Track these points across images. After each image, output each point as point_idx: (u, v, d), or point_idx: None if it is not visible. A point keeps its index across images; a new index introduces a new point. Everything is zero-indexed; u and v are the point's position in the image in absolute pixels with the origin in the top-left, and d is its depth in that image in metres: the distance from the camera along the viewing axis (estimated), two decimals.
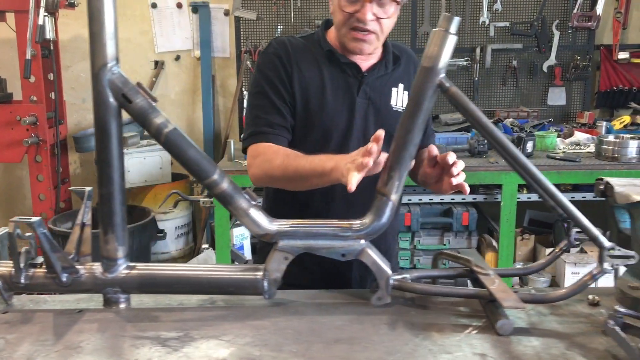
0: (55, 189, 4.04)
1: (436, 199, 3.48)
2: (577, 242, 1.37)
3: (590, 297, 1.37)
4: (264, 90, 1.67)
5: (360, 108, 1.66)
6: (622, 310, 1.12)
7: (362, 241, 1.34)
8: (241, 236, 3.97)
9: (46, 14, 3.73)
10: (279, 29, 4.25)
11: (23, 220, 1.23)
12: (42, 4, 3.57)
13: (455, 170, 1.40)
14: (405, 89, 1.72)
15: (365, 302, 1.37)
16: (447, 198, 3.48)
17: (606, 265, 1.25)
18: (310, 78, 1.65)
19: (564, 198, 1.26)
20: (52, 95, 3.96)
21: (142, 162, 4.07)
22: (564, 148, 3.68)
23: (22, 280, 1.33)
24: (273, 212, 1.73)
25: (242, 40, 4.29)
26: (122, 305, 1.37)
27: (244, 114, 2.34)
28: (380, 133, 1.29)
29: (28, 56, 3.59)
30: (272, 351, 1.15)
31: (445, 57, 1.27)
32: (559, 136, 3.84)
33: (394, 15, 1.60)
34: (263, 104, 1.66)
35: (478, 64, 4.21)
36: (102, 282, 1.34)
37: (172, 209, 4.08)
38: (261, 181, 1.64)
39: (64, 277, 1.33)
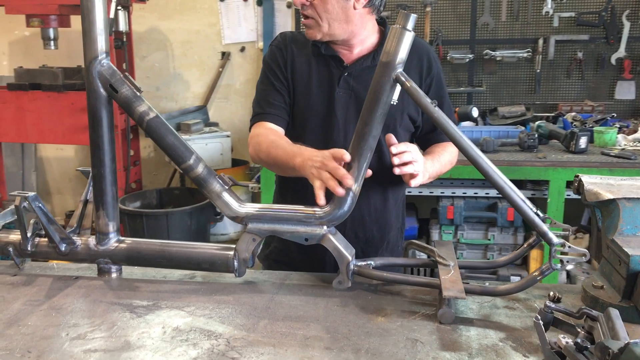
0: (125, 171, 4.36)
1: (481, 192, 3.43)
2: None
3: (552, 293, 1.36)
4: (266, 77, 1.78)
5: (341, 98, 1.70)
6: (552, 305, 1.12)
7: (325, 227, 1.41)
8: None
9: (119, 7, 4.03)
10: None
11: (21, 194, 1.41)
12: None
13: (396, 160, 1.43)
14: None
15: (328, 286, 1.44)
16: (492, 192, 3.42)
17: (554, 262, 1.24)
18: (301, 69, 1.74)
19: (513, 194, 1.26)
20: None
21: (204, 148, 4.29)
22: (625, 145, 3.51)
23: (29, 248, 1.51)
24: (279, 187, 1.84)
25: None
26: (114, 275, 1.53)
27: None
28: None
29: None
30: (222, 323, 1.26)
31: (402, 53, 1.31)
32: (622, 132, 3.65)
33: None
34: (266, 88, 1.77)
35: (540, 56, 4.07)
36: (94, 253, 1.50)
37: None
38: (255, 161, 1.76)
39: (63, 247, 1.50)
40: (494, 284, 1.35)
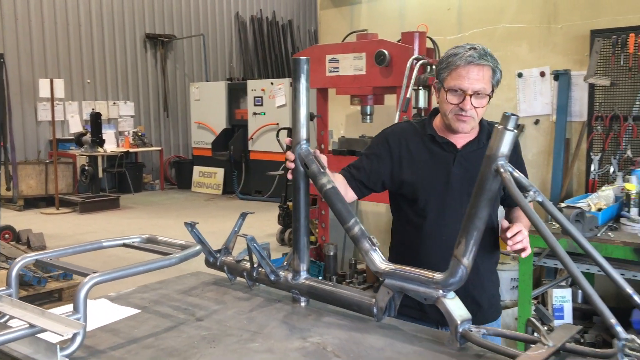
0: None
1: None
2: None
3: None
4: (365, 154, 2.37)
5: (457, 175, 2.18)
6: None
7: (440, 291, 1.65)
8: (561, 298, 4.02)
9: (420, 87, 4.64)
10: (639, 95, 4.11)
11: (241, 235, 2.03)
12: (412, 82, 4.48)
13: (510, 242, 1.78)
14: None
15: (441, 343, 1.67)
16: None
17: (620, 357, 1.26)
18: (415, 153, 2.26)
19: (585, 283, 1.32)
20: None
21: None
22: None
23: (254, 275, 2.13)
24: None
25: (595, 106, 4.32)
26: (302, 304, 2.02)
27: None
28: None
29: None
30: (343, 353, 1.63)
31: (503, 149, 1.51)
32: None
33: (486, 104, 2.13)
34: (360, 160, 2.36)
35: None
36: (289, 285, 2.03)
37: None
38: None
39: (272, 277, 2.07)
40: None
